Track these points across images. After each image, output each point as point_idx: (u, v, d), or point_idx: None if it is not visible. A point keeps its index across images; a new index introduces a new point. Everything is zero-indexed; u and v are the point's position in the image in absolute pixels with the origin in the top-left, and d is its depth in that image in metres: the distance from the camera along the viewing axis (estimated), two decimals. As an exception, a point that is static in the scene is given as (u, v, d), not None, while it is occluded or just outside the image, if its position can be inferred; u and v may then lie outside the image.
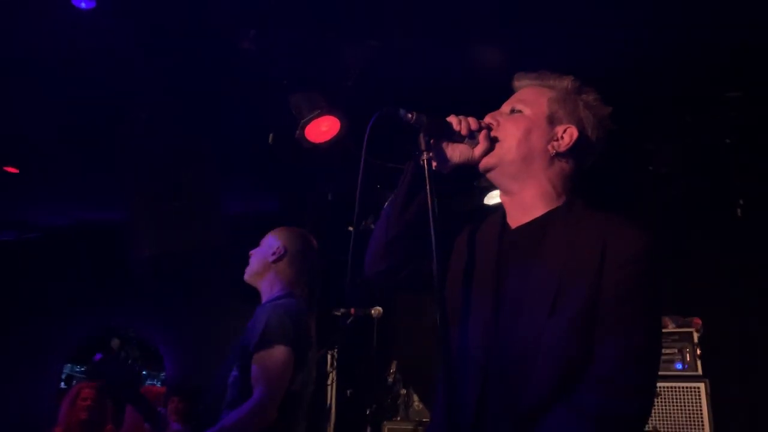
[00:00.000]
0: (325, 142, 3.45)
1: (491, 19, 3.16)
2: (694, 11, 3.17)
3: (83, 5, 2.81)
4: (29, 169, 4.59)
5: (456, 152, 1.52)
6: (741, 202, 4.07)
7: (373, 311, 3.79)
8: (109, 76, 3.51)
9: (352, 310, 3.76)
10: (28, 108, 3.82)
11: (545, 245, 1.42)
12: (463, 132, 1.49)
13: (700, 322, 3.61)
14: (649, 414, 1.35)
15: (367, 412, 4.28)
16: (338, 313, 3.87)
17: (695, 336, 3.57)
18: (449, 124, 1.50)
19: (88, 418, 4.13)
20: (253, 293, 2.73)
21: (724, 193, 4.12)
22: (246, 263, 2.71)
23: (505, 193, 1.57)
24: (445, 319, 1.31)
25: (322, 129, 3.42)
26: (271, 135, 3.70)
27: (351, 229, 1.84)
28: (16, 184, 4.83)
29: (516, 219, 1.53)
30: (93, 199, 5.27)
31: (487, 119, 1.55)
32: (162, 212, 3.77)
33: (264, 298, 2.62)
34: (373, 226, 1.66)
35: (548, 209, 1.49)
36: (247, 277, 2.69)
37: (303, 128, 3.35)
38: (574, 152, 1.52)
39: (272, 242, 2.66)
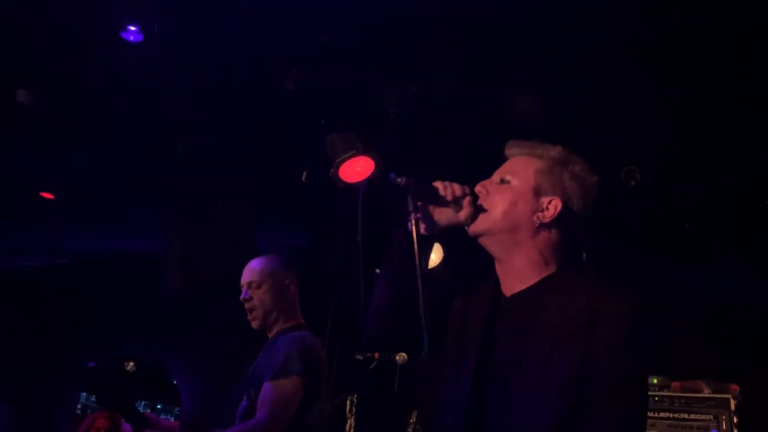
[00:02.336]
0: (359, 182, 3.45)
1: (529, 65, 3.16)
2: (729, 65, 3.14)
3: (132, 38, 2.87)
4: (64, 196, 4.65)
5: (443, 216, 1.60)
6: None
7: (397, 357, 3.71)
8: (150, 107, 3.57)
9: (376, 355, 3.69)
10: (68, 136, 3.89)
11: (537, 313, 1.47)
12: (448, 198, 1.57)
13: (737, 388, 3.47)
14: None
15: (385, 462, 4.16)
16: (360, 358, 3.80)
17: (732, 403, 3.42)
18: (435, 189, 1.58)
19: (101, 448, 4.11)
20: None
21: (763, 253, 4.00)
22: None
23: (496, 260, 1.63)
24: (437, 380, 1.45)
25: (357, 169, 3.43)
26: (304, 172, 3.73)
27: (378, 271, 1.84)
28: (50, 210, 4.89)
29: (508, 287, 1.59)
30: (124, 227, 5.32)
31: (478, 188, 1.63)
32: (195, 244, 3.80)
33: (271, 333, 2.64)
34: (378, 271, 1.72)
35: (539, 277, 1.55)
36: (260, 323, 2.67)
37: (337, 167, 3.36)
38: (559, 222, 1.58)
39: (268, 281, 2.68)
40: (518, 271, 1.57)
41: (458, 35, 3.08)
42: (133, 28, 2.95)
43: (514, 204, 1.57)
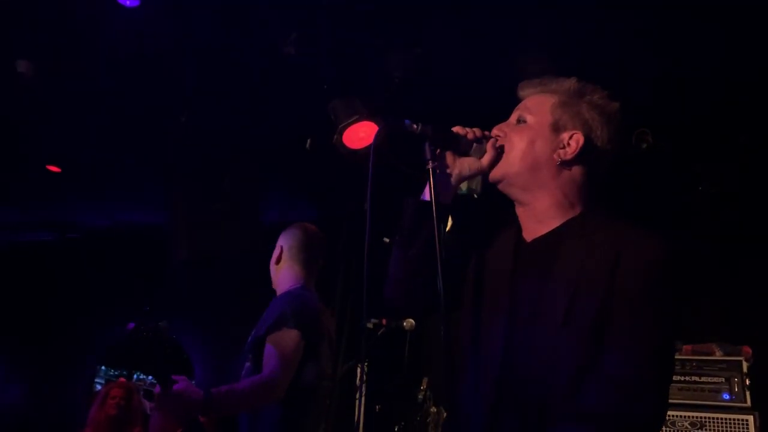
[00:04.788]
0: (363, 149, 3.40)
1: (537, 30, 3.08)
2: (750, 29, 3.05)
3: (128, 3, 2.82)
4: (72, 169, 4.65)
5: (465, 165, 1.51)
6: (796, 227, 3.89)
7: (405, 323, 3.70)
8: (151, 76, 3.53)
9: (384, 321, 3.69)
10: (72, 107, 3.87)
11: (560, 257, 1.41)
12: (469, 137, 1.49)
13: (750, 351, 3.42)
14: (661, 418, 1.33)
15: (396, 429, 4.18)
16: (370, 325, 3.79)
17: (745, 365, 3.38)
18: (455, 133, 1.49)
19: (116, 415, 4.17)
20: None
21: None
22: None
23: (518, 204, 1.55)
24: (449, 336, 1.35)
25: (360, 135, 3.38)
26: (309, 140, 3.68)
27: (386, 240, 1.80)
28: (59, 184, 4.90)
29: (531, 231, 1.51)
30: (133, 200, 5.33)
31: (494, 131, 1.54)
32: (201, 215, 3.79)
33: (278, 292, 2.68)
34: (386, 240, 1.67)
35: (563, 220, 1.47)
36: (273, 285, 2.76)
37: (341, 133, 3.32)
38: (583, 158, 1.48)
39: (278, 244, 2.74)
40: (541, 214, 1.49)
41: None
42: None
43: (532, 143, 1.49)
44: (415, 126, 1.45)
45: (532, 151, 1.48)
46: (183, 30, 3.28)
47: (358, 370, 4.36)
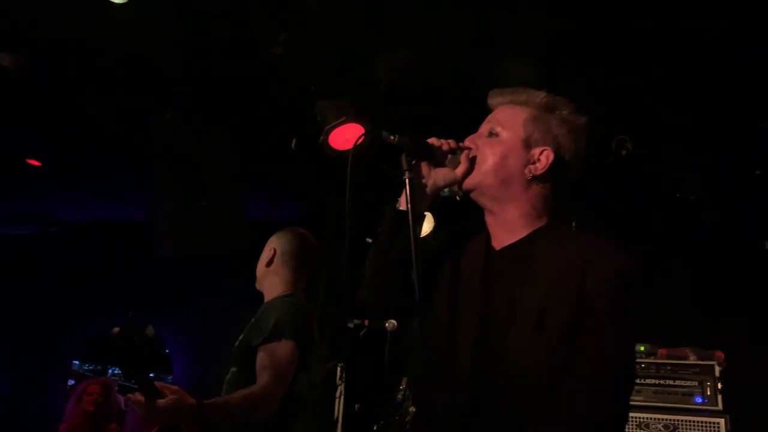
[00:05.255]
0: (349, 150, 3.41)
1: (526, 33, 3.12)
2: (732, 38, 3.12)
3: (116, -1, 2.81)
4: (52, 163, 4.60)
5: (440, 175, 1.56)
6: (769, 235, 3.99)
7: (387, 324, 3.72)
8: (137, 71, 3.51)
9: (366, 322, 3.70)
10: (54, 100, 3.83)
11: (530, 265, 1.47)
12: (444, 148, 1.54)
13: (722, 355, 3.50)
14: (626, 416, 1.43)
15: (374, 429, 4.20)
16: (351, 325, 3.81)
17: (717, 369, 3.46)
18: (430, 145, 1.54)
19: (93, 411, 4.13)
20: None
21: (752, 225, 4.03)
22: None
23: (488, 213, 1.61)
24: (427, 341, 1.44)
25: (347, 137, 3.39)
26: (294, 140, 3.68)
27: (369, 240, 1.82)
28: (38, 177, 4.84)
29: (500, 239, 1.57)
30: (113, 195, 5.28)
31: (467, 142, 1.59)
32: (185, 213, 3.77)
33: (267, 299, 2.62)
34: (369, 240, 1.69)
35: (531, 230, 1.54)
36: (257, 284, 2.71)
37: (327, 135, 3.33)
38: (551, 172, 1.54)
39: (265, 248, 2.68)
40: (510, 224, 1.55)
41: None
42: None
43: (504, 157, 1.54)
44: (392, 137, 1.49)
45: (504, 165, 1.54)
46: (169, 25, 3.27)
47: (338, 369, 4.37)
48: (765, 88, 3.44)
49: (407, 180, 1.48)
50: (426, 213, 1.69)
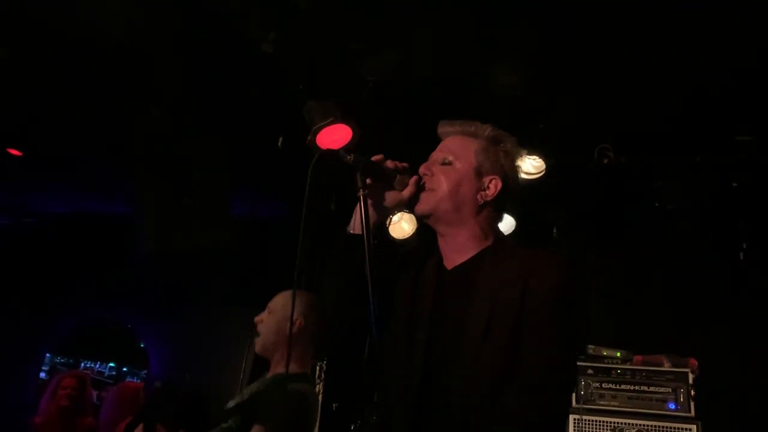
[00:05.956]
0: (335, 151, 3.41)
1: (513, 42, 3.16)
2: (712, 53, 3.19)
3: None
4: (34, 153, 4.54)
5: (388, 196, 1.71)
6: (744, 246, 4.08)
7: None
8: (124, 65, 3.48)
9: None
10: (38, 90, 3.78)
11: (478, 282, 1.61)
12: (389, 166, 1.66)
13: (696, 363, 3.57)
14: (566, 416, 1.67)
15: (352, 428, 4.22)
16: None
17: (690, 377, 3.52)
18: (380, 165, 1.66)
19: (68, 406, 4.09)
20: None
21: (729, 236, 4.12)
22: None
23: (440, 235, 1.75)
24: (381, 358, 1.59)
25: (334, 137, 3.40)
26: (280, 139, 3.69)
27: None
28: (18, 168, 4.77)
29: (451, 260, 1.72)
30: (95, 189, 5.22)
31: (422, 169, 1.73)
32: (169, 209, 3.74)
33: (274, 370, 2.45)
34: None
35: (479, 249, 1.69)
36: (259, 349, 2.48)
37: (314, 135, 3.34)
38: (498, 198, 1.72)
39: (284, 310, 2.43)
40: (460, 246, 1.70)
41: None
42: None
43: (458, 184, 1.69)
44: (348, 157, 1.59)
45: (458, 192, 1.69)
46: (158, 22, 3.25)
47: (317, 368, 4.38)
48: (743, 103, 3.53)
49: (361, 197, 1.57)
50: (409, 213, 1.83)
